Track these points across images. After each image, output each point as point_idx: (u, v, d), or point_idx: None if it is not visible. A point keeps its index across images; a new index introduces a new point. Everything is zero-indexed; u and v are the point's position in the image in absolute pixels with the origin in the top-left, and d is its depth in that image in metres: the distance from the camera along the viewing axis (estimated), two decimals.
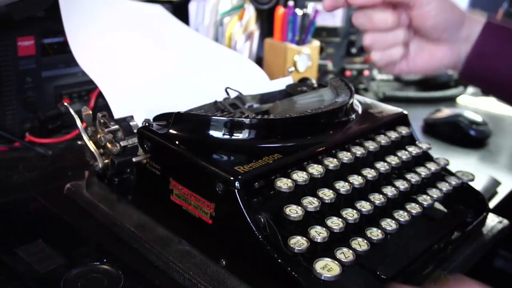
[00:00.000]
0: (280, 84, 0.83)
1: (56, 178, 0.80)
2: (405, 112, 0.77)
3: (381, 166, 0.66)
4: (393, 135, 0.71)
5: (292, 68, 1.09)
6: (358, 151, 0.65)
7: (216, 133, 0.59)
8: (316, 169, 0.58)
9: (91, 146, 0.68)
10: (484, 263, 1.05)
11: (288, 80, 0.85)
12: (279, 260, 0.50)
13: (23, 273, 0.57)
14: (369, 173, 0.63)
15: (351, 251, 0.53)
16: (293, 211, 0.54)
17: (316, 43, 1.19)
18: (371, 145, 0.67)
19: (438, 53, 0.62)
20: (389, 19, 0.60)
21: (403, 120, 0.76)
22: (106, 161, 0.67)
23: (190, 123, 0.61)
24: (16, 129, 0.89)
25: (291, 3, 1.12)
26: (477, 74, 0.59)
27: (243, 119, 0.60)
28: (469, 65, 0.59)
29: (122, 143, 0.64)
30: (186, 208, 0.59)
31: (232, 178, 0.53)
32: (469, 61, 0.59)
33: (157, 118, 0.65)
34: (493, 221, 0.73)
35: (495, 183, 0.89)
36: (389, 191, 0.63)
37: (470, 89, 1.48)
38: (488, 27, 0.57)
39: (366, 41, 0.63)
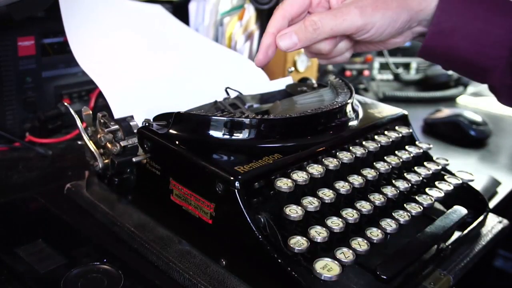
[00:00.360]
0: (280, 84, 0.83)
1: (56, 178, 0.80)
2: (405, 112, 0.77)
3: (381, 166, 0.66)
4: (393, 135, 0.71)
5: (292, 68, 1.09)
6: (358, 151, 0.65)
7: (216, 133, 0.59)
8: (316, 169, 0.58)
9: (91, 146, 0.68)
10: (484, 263, 1.05)
11: (288, 80, 0.85)
12: (279, 260, 0.50)
13: (23, 273, 0.57)
14: (369, 173, 0.63)
15: (351, 251, 0.53)
16: (293, 211, 0.54)
17: None
18: (371, 145, 0.67)
19: (392, 41, 0.62)
20: (334, 45, 0.61)
21: (403, 120, 0.76)
22: (106, 161, 0.67)
23: (190, 123, 0.61)
24: (16, 129, 0.89)
25: None
26: (437, 52, 0.59)
27: (243, 119, 0.60)
28: (427, 44, 0.58)
29: (122, 143, 0.64)
30: (186, 208, 0.59)
31: (232, 178, 0.53)
32: (427, 39, 0.58)
33: (157, 118, 0.65)
34: (493, 221, 0.73)
35: (495, 183, 0.89)
36: (389, 191, 0.63)
37: (470, 89, 1.48)
38: (443, 3, 0.56)
39: (319, 61, 0.66)
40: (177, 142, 0.59)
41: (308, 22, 0.57)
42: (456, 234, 0.66)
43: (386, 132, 0.72)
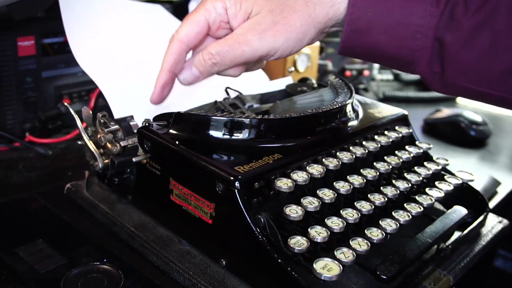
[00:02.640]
0: (280, 84, 0.83)
1: (56, 178, 0.80)
2: (405, 112, 0.77)
3: (381, 166, 0.66)
4: (393, 135, 0.71)
5: (292, 68, 1.09)
6: (358, 151, 0.65)
7: (216, 133, 0.59)
8: (316, 169, 0.58)
9: (91, 146, 0.68)
10: (484, 263, 1.05)
11: (288, 80, 0.85)
12: (279, 260, 0.50)
13: (23, 273, 0.57)
14: (369, 173, 0.63)
15: (351, 251, 0.53)
16: (293, 211, 0.54)
17: (316, 43, 1.19)
18: (371, 145, 0.67)
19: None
20: (242, 70, 0.60)
21: (403, 120, 0.76)
22: (106, 161, 0.67)
23: (190, 123, 0.61)
24: (16, 129, 0.89)
25: None
26: (357, 50, 0.56)
27: (243, 119, 0.60)
28: (346, 44, 0.56)
29: (122, 143, 0.64)
30: (186, 208, 0.59)
31: (232, 178, 0.53)
32: (344, 40, 0.55)
33: (157, 118, 0.65)
34: (493, 221, 0.73)
35: (495, 183, 0.89)
36: (389, 191, 0.63)
37: None
38: (354, 1, 0.54)
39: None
40: (177, 142, 0.59)
41: (206, 56, 0.56)
42: (456, 234, 0.66)
43: (386, 132, 0.72)
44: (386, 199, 0.61)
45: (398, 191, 0.64)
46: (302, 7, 0.55)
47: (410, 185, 0.66)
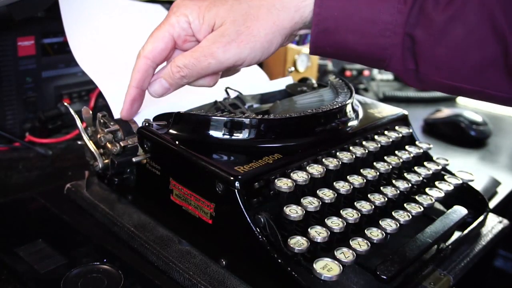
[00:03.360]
0: (280, 84, 0.83)
1: (56, 178, 0.80)
2: (405, 112, 0.77)
3: (381, 166, 0.66)
4: (393, 135, 0.71)
5: (292, 68, 1.09)
6: (358, 151, 0.65)
7: (216, 133, 0.59)
8: (316, 169, 0.58)
9: (91, 146, 0.68)
10: (484, 263, 1.05)
11: (288, 80, 0.85)
12: (279, 260, 0.50)
13: (23, 273, 0.57)
14: (369, 173, 0.63)
15: (351, 251, 0.53)
16: (293, 211, 0.54)
17: None
18: (371, 145, 0.67)
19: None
20: (215, 79, 0.61)
21: (403, 120, 0.76)
22: (106, 161, 0.67)
23: (190, 123, 0.61)
24: (16, 129, 0.89)
25: None
26: (327, 50, 0.56)
27: (243, 119, 0.60)
28: (315, 44, 0.56)
29: (122, 143, 0.64)
30: (186, 208, 0.59)
31: (232, 178, 0.53)
32: (313, 40, 0.55)
33: (157, 118, 0.65)
34: (493, 221, 0.73)
35: (495, 183, 0.89)
36: (389, 191, 0.63)
37: None
38: (320, 1, 0.53)
39: None
40: (177, 142, 0.59)
41: (174, 69, 0.56)
42: (456, 234, 0.66)
43: (386, 132, 0.72)
44: (386, 199, 0.61)
45: (398, 191, 0.64)
46: (265, 15, 0.54)
47: (410, 185, 0.66)
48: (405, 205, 0.63)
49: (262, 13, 0.54)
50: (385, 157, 0.68)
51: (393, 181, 0.66)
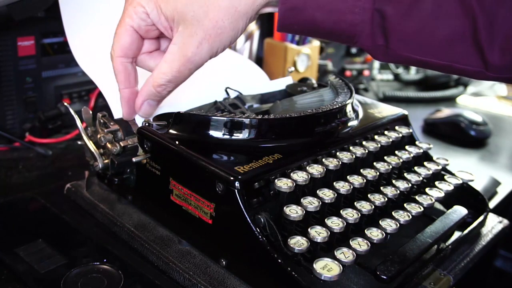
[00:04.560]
0: (280, 84, 0.83)
1: (56, 178, 0.80)
2: (405, 112, 0.77)
3: (381, 166, 0.66)
4: (393, 135, 0.71)
5: (292, 68, 1.09)
6: (358, 151, 0.65)
7: (216, 133, 0.59)
8: (316, 169, 0.58)
9: (91, 146, 0.68)
10: (484, 263, 1.05)
11: (288, 80, 0.85)
12: (279, 260, 0.50)
13: (23, 273, 0.57)
14: (369, 173, 0.63)
15: (351, 251, 0.53)
16: (293, 211, 0.54)
17: (316, 43, 1.19)
18: (371, 145, 0.67)
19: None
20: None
21: (403, 120, 0.76)
22: (106, 161, 0.67)
23: (190, 123, 0.61)
24: (16, 129, 0.89)
25: None
26: (295, 27, 0.55)
27: (243, 119, 0.60)
28: (283, 22, 0.55)
29: (122, 143, 0.64)
30: (186, 208, 0.59)
31: (232, 178, 0.53)
32: (281, 18, 0.54)
33: (157, 118, 0.65)
34: (493, 221, 0.73)
35: (495, 183, 0.89)
36: (389, 191, 0.63)
37: (470, 89, 1.48)
38: None
39: None
40: (177, 142, 0.59)
41: (159, 88, 0.57)
42: (456, 234, 0.66)
43: (386, 132, 0.72)
44: (386, 199, 0.61)
45: (398, 191, 0.64)
46: (226, 1, 0.54)
47: (410, 185, 0.66)
48: (405, 205, 0.63)
49: (223, 1, 0.54)
50: (385, 157, 0.68)
51: (393, 181, 0.66)
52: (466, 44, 0.50)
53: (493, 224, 0.72)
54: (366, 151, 0.65)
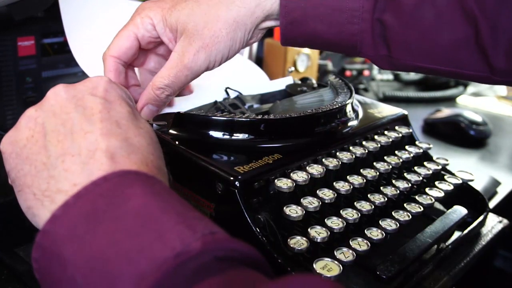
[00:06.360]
0: (280, 84, 0.83)
1: None
2: (405, 112, 0.77)
3: (381, 166, 0.66)
4: (393, 135, 0.71)
5: (292, 68, 1.09)
6: (358, 151, 0.65)
7: (216, 133, 0.59)
8: (316, 169, 0.58)
9: None
10: (484, 263, 1.05)
11: (288, 80, 0.85)
12: (279, 260, 0.50)
13: (23, 273, 0.57)
14: (369, 173, 0.63)
15: (351, 251, 0.53)
16: (293, 211, 0.54)
17: None
18: (371, 145, 0.67)
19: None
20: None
21: (403, 120, 0.76)
22: None
23: (190, 123, 0.61)
24: None
25: None
26: (298, 40, 0.57)
27: (243, 119, 0.60)
28: (285, 35, 0.56)
29: None
30: None
31: (232, 178, 0.52)
32: (283, 31, 0.56)
33: (157, 118, 0.65)
34: (493, 221, 0.73)
35: (495, 183, 0.89)
36: (389, 191, 0.63)
37: (470, 89, 1.48)
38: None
39: None
40: (177, 142, 0.59)
41: (158, 91, 0.57)
42: (456, 234, 0.66)
43: (386, 132, 0.72)
44: (386, 199, 0.61)
45: (398, 191, 0.64)
46: (225, 13, 0.55)
47: (410, 185, 0.66)
48: (405, 205, 0.63)
49: (222, 12, 0.55)
50: (385, 157, 0.68)
51: (393, 181, 0.66)
52: (470, 50, 0.50)
53: (493, 224, 0.72)
54: (366, 151, 0.65)
